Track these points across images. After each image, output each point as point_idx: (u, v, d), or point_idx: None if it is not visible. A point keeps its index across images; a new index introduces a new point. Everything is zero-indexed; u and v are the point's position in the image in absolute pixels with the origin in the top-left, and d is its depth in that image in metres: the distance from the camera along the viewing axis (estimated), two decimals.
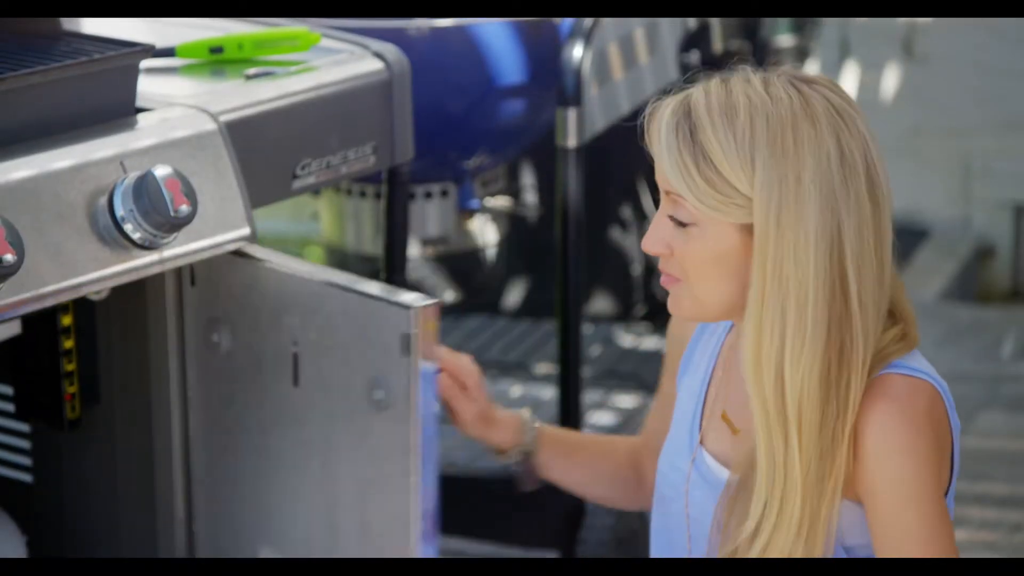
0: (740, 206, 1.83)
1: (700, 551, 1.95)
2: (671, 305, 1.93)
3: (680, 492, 1.98)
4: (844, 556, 1.89)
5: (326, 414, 2.15)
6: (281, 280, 2.17)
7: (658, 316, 4.24)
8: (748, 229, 1.84)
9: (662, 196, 1.89)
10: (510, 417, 2.19)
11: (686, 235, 1.86)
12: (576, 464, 2.20)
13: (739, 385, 1.95)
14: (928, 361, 1.92)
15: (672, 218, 1.87)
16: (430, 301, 2.05)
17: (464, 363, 2.16)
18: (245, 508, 2.31)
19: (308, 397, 2.16)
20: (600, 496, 2.25)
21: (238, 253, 2.16)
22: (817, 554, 1.85)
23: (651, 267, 4.23)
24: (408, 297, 2.06)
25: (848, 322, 1.83)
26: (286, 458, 2.22)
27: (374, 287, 2.10)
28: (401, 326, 2.04)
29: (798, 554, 1.84)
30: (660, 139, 1.86)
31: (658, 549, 2.05)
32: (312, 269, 2.16)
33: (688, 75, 1.94)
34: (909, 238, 5.61)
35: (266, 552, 2.29)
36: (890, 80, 5.81)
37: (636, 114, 1.95)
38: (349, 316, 2.11)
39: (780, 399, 1.83)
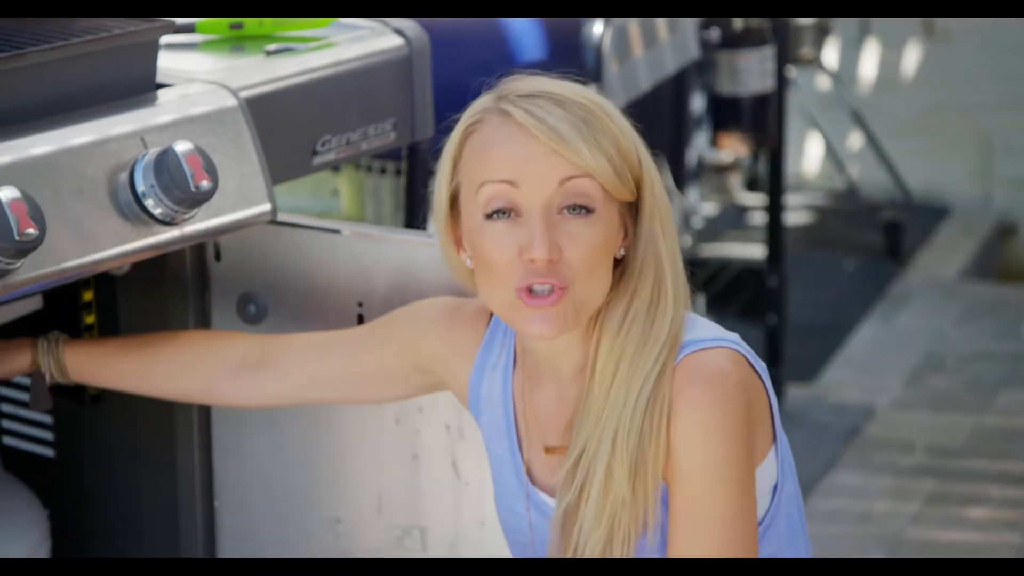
0: (625, 182, 1.83)
1: None
2: (554, 326, 1.82)
3: (524, 533, 1.96)
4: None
5: None
6: (335, 242, 2.18)
7: None
8: (626, 207, 1.84)
9: (543, 195, 1.80)
10: (22, 342, 2.16)
11: (584, 227, 1.81)
12: (123, 367, 2.14)
13: (549, 413, 1.92)
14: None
15: (576, 207, 1.80)
16: None
17: None
18: (268, 480, 2.32)
19: None
20: (162, 394, 2.17)
21: (275, 222, 2.18)
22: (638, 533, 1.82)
23: None
24: None
25: (684, 287, 1.87)
26: (341, 423, 2.24)
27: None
28: None
29: (610, 532, 1.81)
30: (559, 126, 1.79)
31: None
32: (363, 228, 2.19)
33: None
34: (930, 216, 5.60)
35: (293, 529, 2.30)
36: (910, 58, 5.79)
37: (681, 74, 1.95)
38: (429, 269, 2.12)
39: (613, 371, 1.82)
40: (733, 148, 4.15)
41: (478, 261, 1.83)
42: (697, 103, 4.35)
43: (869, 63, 5.84)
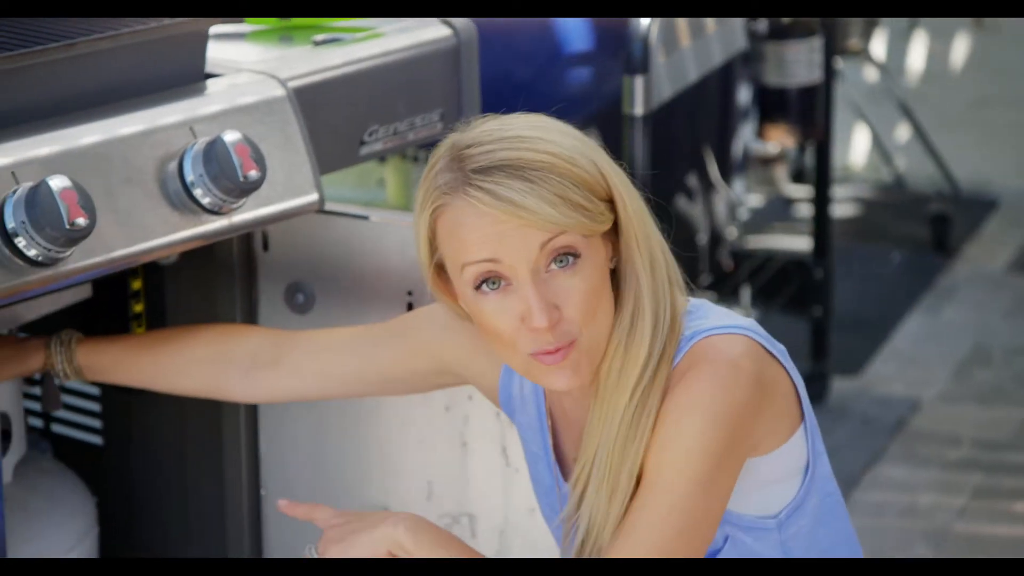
0: (605, 211, 1.82)
1: None
2: (572, 378, 1.82)
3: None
4: (734, 517, 1.87)
5: None
6: (385, 232, 2.19)
7: (723, 285, 4.23)
8: (606, 236, 1.83)
9: (524, 263, 1.78)
10: (35, 342, 2.16)
11: (574, 274, 1.79)
12: (138, 364, 2.14)
13: (582, 417, 1.91)
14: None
15: (562, 257, 1.78)
16: None
17: None
18: (315, 468, 2.33)
19: None
20: (177, 389, 2.16)
21: (324, 212, 2.18)
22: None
23: (716, 236, 4.22)
24: None
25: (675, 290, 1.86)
26: (391, 411, 2.24)
27: None
28: None
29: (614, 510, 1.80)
30: (522, 200, 1.76)
31: None
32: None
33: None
34: (977, 209, 5.57)
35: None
36: (959, 50, 5.76)
37: (728, 65, 1.93)
38: None
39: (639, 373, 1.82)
40: (780, 140, 4.13)
41: (481, 328, 1.83)
42: (744, 95, 4.33)
43: (917, 55, 5.81)
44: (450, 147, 1.81)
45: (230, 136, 2.01)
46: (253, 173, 2.01)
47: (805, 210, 5.17)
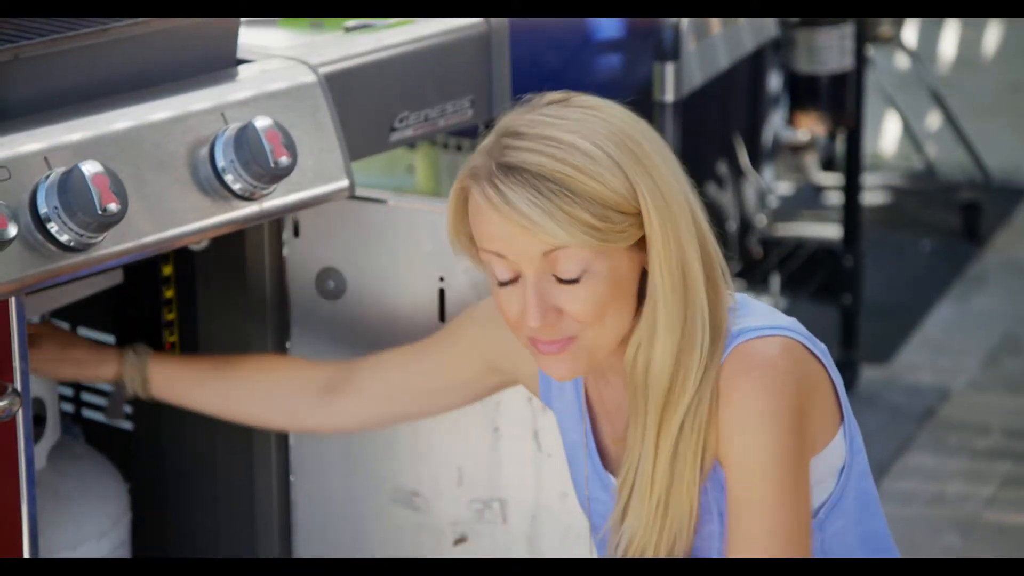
0: (631, 226, 1.80)
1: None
2: (566, 370, 1.84)
3: (604, 517, 1.95)
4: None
5: None
6: (418, 217, 2.19)
7: (752, 273, 4.22)
8: (634, 247, 1.82)
9: (532, 267, 1.80)
10: (112, 352, 2.18)
11: (580, 288, 1.80)
12: (210, 390, 2.16)
13: (620, 406, 1.92)
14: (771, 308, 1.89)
15: (558, 278, 1.80)
16: None
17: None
18: (346, 453, 2.33)
19: None
20: (253, 418, 2.18)
21: (354, 198, 2.19)
22: (684, 528, 1.83)
23: (746, 223, 4.21)
24: None
25: (717, 297, 1.83)
26: None
27: None
28: None
29: (661, 527, 1.82)
30: (524, 212, 1.77)
31: None
32: (443, 203, 2.21)
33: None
34: (1008, 197, 5.55)
35: (370, 502, 2.31)
36: (990, 37, 5.73)
37: (758, 52, 1.91)
38: None
39: (664, 386, 1.82)
40: (810, 127, 4.12)
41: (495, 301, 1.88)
42: (774, 81, 4.32)
43: (948, 42, 5.78)
44: (501, 128, 1.83)
45: (261, 122, 2.01)
46: (284, 159, 2.02)
47: (835, 198, 5.15)
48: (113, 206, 1.86)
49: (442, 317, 2.21)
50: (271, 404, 2.16)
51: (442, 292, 2.20)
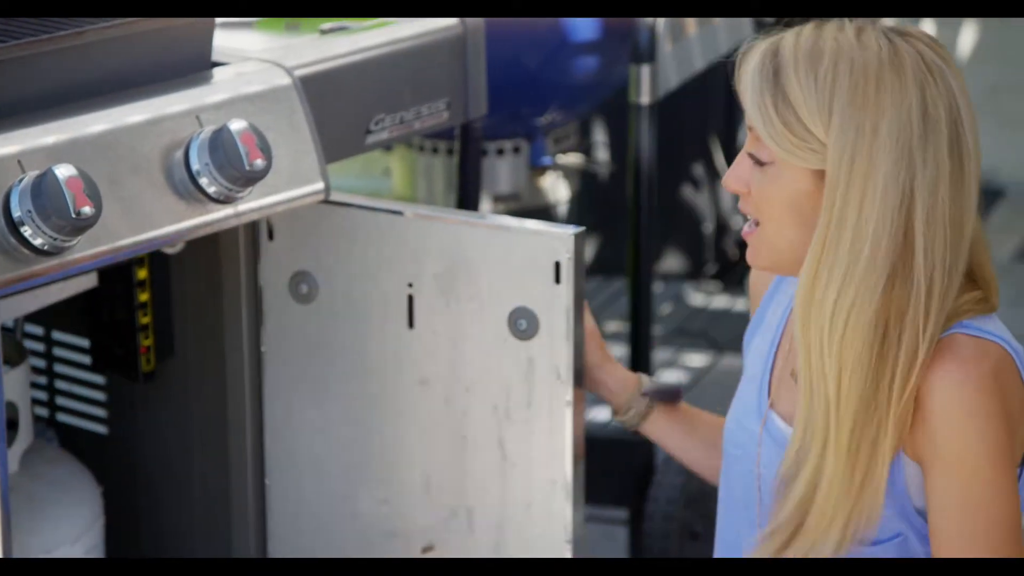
0: (815, 151, 1.81)
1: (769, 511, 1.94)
2: (749, 255, 1.92)
3: (748, 452, 1.97)
4: (916, 519, 1.88)
5: (452, 350, 2.18)
6: (388, 223, 2.19)
7: (729, 274, 4.23)
8: (822, 176, 1.82)
9: (748, 133, 1.89)
10: (630, 376, 2.19)
11: (763, 175, 1.85)
12: (696, 441, 2.18)
13: None
14: (1003, 324, 1.90)
15: (752, 156, 1.86)
16: (579, 229, 2.10)
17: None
18: (319, 459, 2.32)
19: (426, 337, 2.19)
20: (700, 469, 2.21)
21: (328, 202, 2.18)
22: (872, 517, 1.83)
23: (722, 225, 4.22)
24: (554, 227, 2.11)
25: (908, 279, 1.81)
26: (391, 403, 2.24)
27: (507, 220, 2.16)
28: (555, 254, 2.09)
29: (847, 514, 1.82)
30: (747, 76, 1.85)
31: (724, 507, 2.05)
32: (415, 208, 2.20)
33: (786, 20, 1.93)
34: (986, 197, 5.55)
35: (342, 508, 2.31)
36: (967, 38, 5.75)
37: (730, 54, 1.94)
38: (483, 250, 2.13)
39: (828, 343, 1.81)
40: None
41: None
42: None
43: None
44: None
45: (236, 125, 2.01)
46: (259, 162, 2.01)
47: None
48: (87, 209, 1.85)
49: (411, 323, 2.20)
50: (716, 456, 2.16)
51: (411, 298, 2.20)
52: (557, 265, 2.10)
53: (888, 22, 1.88)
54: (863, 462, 1.82)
